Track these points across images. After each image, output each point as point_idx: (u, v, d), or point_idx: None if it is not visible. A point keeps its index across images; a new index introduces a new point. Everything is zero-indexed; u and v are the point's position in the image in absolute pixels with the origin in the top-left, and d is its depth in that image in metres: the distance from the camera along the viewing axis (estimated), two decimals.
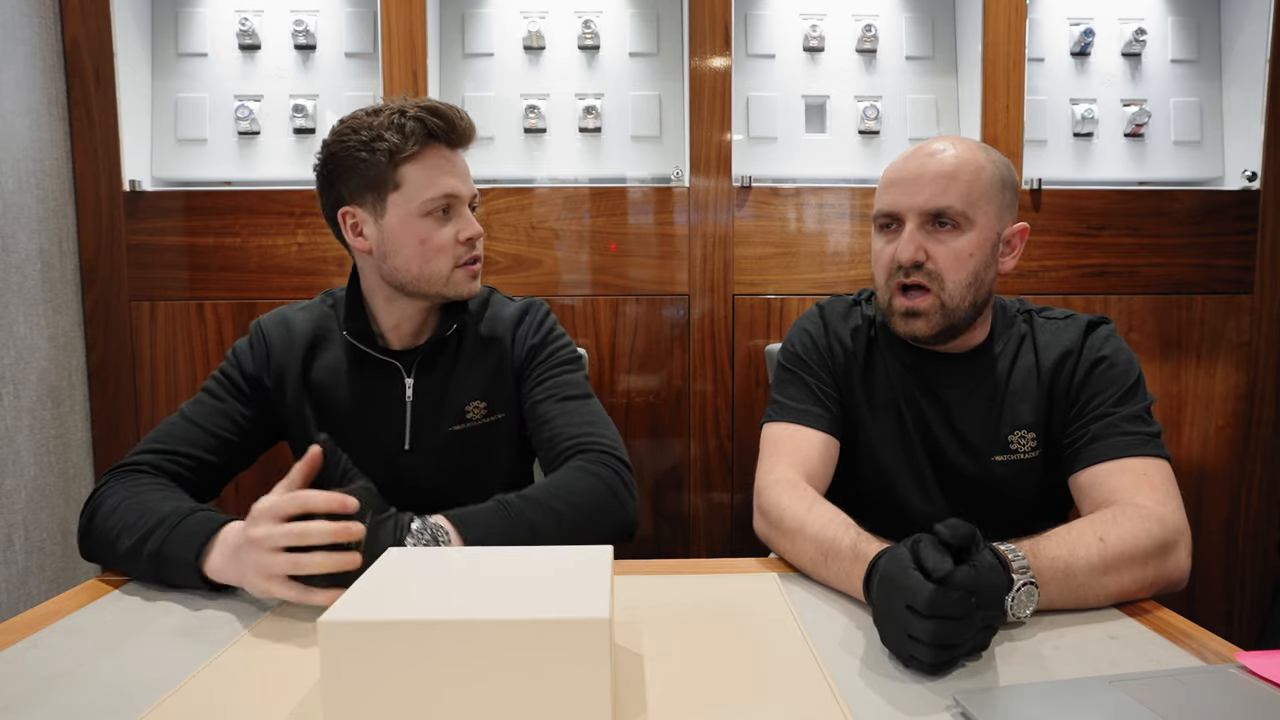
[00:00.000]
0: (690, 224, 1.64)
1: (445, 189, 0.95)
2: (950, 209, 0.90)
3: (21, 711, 0.57)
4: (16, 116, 1.44)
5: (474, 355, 1.05)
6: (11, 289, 1.42)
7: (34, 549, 1.46)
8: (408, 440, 1.03)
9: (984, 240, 0.92)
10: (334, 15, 1.68)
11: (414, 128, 0.92)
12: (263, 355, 1.03)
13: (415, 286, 0.98)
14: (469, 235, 0.97)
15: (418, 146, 0.93)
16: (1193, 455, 1.70)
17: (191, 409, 1.00)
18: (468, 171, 1.00)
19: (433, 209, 0.95)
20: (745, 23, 1.72)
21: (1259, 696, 0.56)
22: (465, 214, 0.98)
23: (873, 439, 1.03)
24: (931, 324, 0.93)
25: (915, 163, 0.93)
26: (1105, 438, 0.89)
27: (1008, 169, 0.94)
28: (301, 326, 1.04)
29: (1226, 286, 1.68)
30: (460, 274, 0.99)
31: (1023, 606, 0.68)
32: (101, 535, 0.84)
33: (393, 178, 0.94)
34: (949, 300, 0.92)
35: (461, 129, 0.96)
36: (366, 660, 0.51)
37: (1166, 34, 1.74)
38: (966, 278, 0.92)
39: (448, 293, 0.99)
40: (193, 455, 0.95)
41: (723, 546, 1.68)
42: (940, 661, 0.60)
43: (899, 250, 0.93)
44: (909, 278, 0.93)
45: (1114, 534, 0.74)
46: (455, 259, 0.98)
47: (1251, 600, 1.73)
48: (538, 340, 1.07)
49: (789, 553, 0.87)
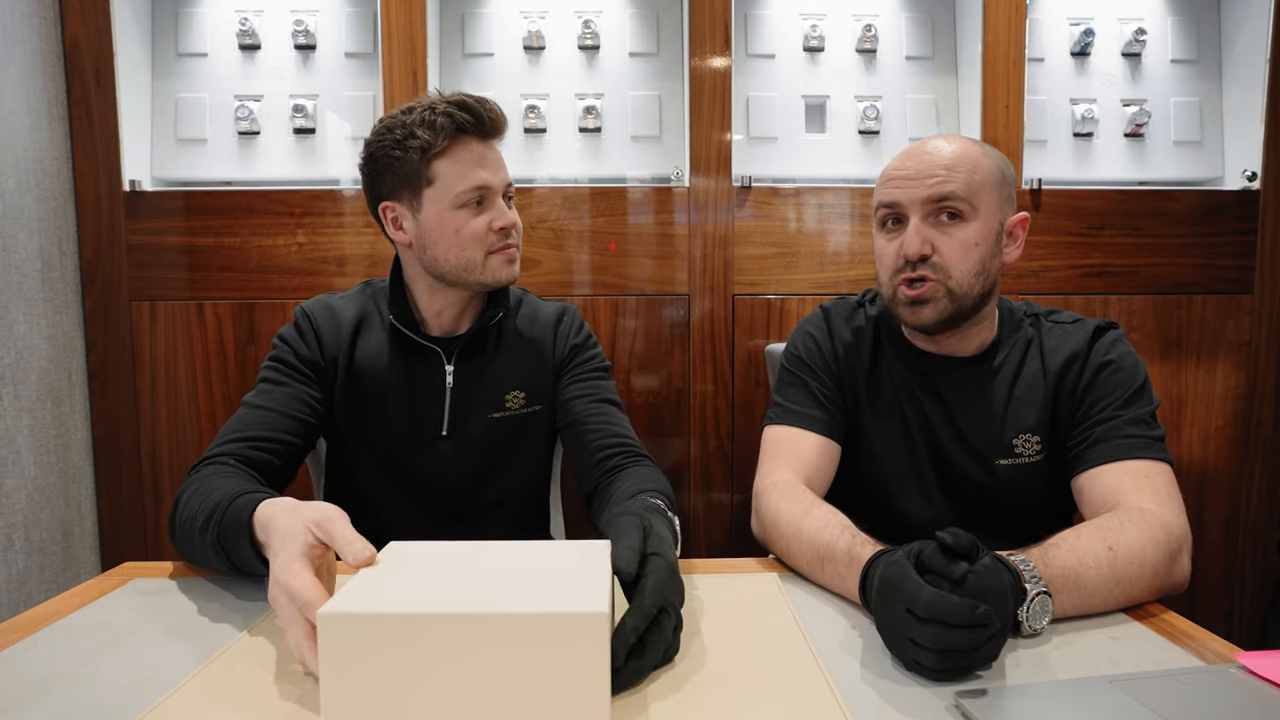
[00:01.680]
0: (690, 224, 1.64)
1: (476, 181, 0.97)
2: (954, 194, 0.90)
3: (21, 711, 0.57)
4: (16, 116, 1.44)
5: (514, 346, 1.09)
6: (11, 289, 1.42)
7: (34, 549, 1.46)
8: (446, 425, 1.05)
9: (988, 230, 0.92)
10: (334, 15, 1.68)
11: (443, 123, 0.95)
12: (313, 339, 1.04)
13: (454, 276, 1.00)
14: (502, 224, 0.99)
15: (447, 141, 0.95)
16: (1193, 455, 1.70)
17: (257, 398, 0.99)
18: (501, 162, 1.01)
19: (466, 201, 0.97)
20: (745, 23, 1.72)
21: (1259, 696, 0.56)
22: (499, 204, 1.00)
23: (875, 441, 1.03)
24: (939, 309, 0.93)
25: (914, 158, 0.94)
26: (1109, 440, 0.89)
27: (1004, 162, 0.95)
28: (345, 312, 1.06)
29: (1226, 286, 1.68)
30: (495, 260, 1.00)
31: (1038, 618, 0.67)
32: (182, 534, 0.82)
33: (426, 173, 0.96)
34: (956, 287, 0.92)
35: (490, 121, 0.98)
36: (365, 653, 0.51)
37: (1166, 34, 1.74)
38: (973, 266, 0.92)
39: (486, 279, 1.01)
40: (276, 439, 0.94)
41: (723, 546, 1.68)
42: (945, 668, 0.59)
43: (905, 244, 0.92)
44: (915, 271, 0.92)
45: (1122, 543, 0.74)
46: (489, 246, 0.99)
47: (1251, 600, 1.73)
48: (580, 340, 1.12)
49: (786, 556, 0.87)
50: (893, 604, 0.62)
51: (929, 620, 0.58)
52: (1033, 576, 0.68)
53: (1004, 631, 0.62)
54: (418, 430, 1.05)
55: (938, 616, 0.58)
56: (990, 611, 0.58)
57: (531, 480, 1.15)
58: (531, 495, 1.18)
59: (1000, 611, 0.60)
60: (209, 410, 1.62)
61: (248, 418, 0.96)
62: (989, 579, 0.61)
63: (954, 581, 0.60)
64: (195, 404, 1.61)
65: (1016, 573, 0.67)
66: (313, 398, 1.01)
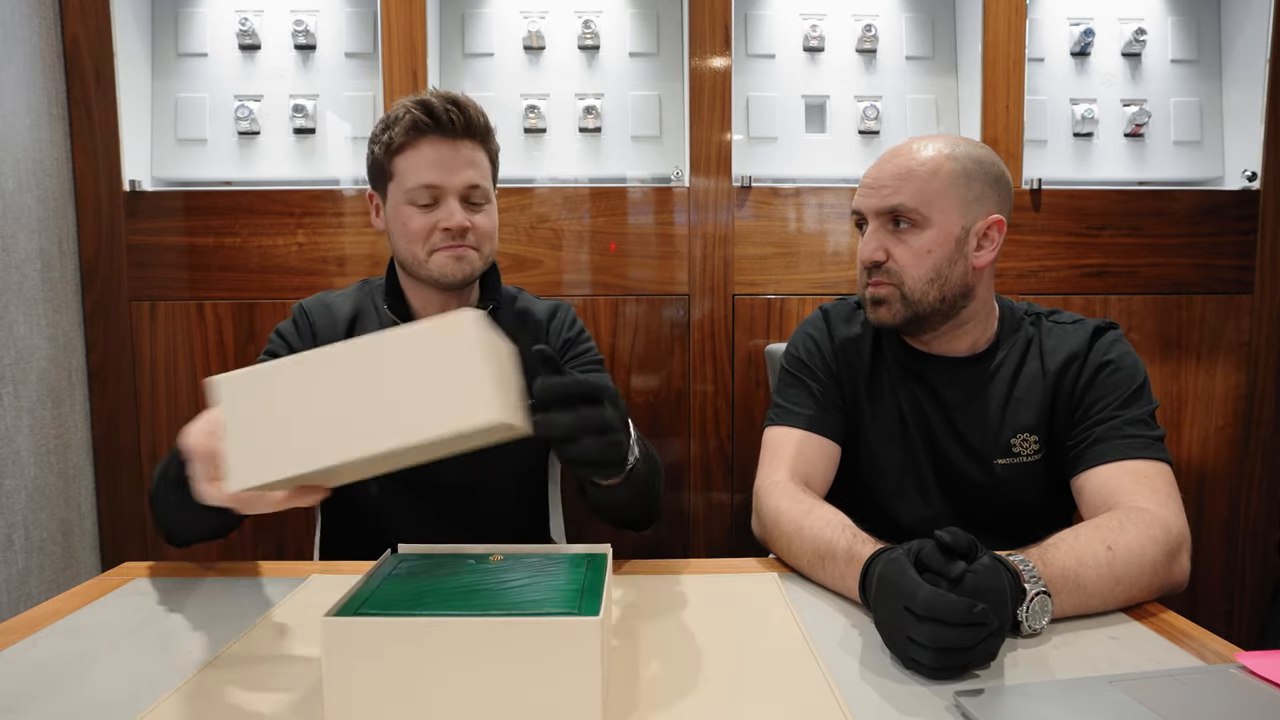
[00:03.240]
0: (690, 224, 1.64)
1: (423, 180, 0.97)
2: (901, 206, 0.92)
3: (21, 711, 0.57)
4: (16, 116, 1.44)
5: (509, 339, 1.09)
6: (11, 289, 1.42)
7: (34, 549, 1.46)
8: None
9: (944, 236, 0.93)
10: (334, 15, 1.68)
11: (407, 121, 0.97)
12: (308, 333, 1.06)
13: (410, 268, 1.03)
14: (447, 225, 0.98)
15: (404, 139, 0.97)
16: (1193, 455, 1.70)
17: None
18: (465, 165, 0.99)
19: (414, 199, 0.99)
20: (745, 23, 1.72)
21: (1259, 696, 0.56)
22: (450, 205, 0.99)
23: (874, 442, 1.03)
24: (893, 312, 0.96)
25: (879, 166, 0.97)
26: (1108, 440, 0.89)
27: (977, 163, 0.93)
28: (341, 307, 1.09)
29: (1226, 286, 1.68)
30: (439, 257, 1.00)
31: (1037, 618, 0.67)
32: (155, 498, 0.85)
33: (389, 168, 1.00)
34: (910, 293, 0.94)
35: (448, 121, 0.97)
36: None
37: (1166, 34, 1.74)
38: (927, 273, 0.93)
39: (433, 274, 1.01)
40: None
41: (723, 546, 1.68)
42: (943, 666, 0.60)
43: (860, 249, 0.97)
44: (870, 277, 0.97)
45: (1121, 543, 0.74)
46: (431, 245, 0.99)
47: (1251, 600, 1.73)
48: (573, 335, 1.14)
49: (787, 555, 0.87)
50: (891, 602, 0.62)
51: (927, 618, 0.58)
52: (1032, 576, 0.68)
53: (1002, 630, 0.62)
54: None
55: (935, 615, 0.58)
56: (987, 610, 0.58)
57: (529, 475, 1.16)
58: (531, 491, 1.18)
59: (998, 611, 0.60)
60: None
61: None
62: (987, 578, 0.61)
63: (952, 580, 0.60)
64: (195, 404, 1.61)
65: (1015, 572, 0.67)
66: None
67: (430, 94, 0.98)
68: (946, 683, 0.60)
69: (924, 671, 0.61)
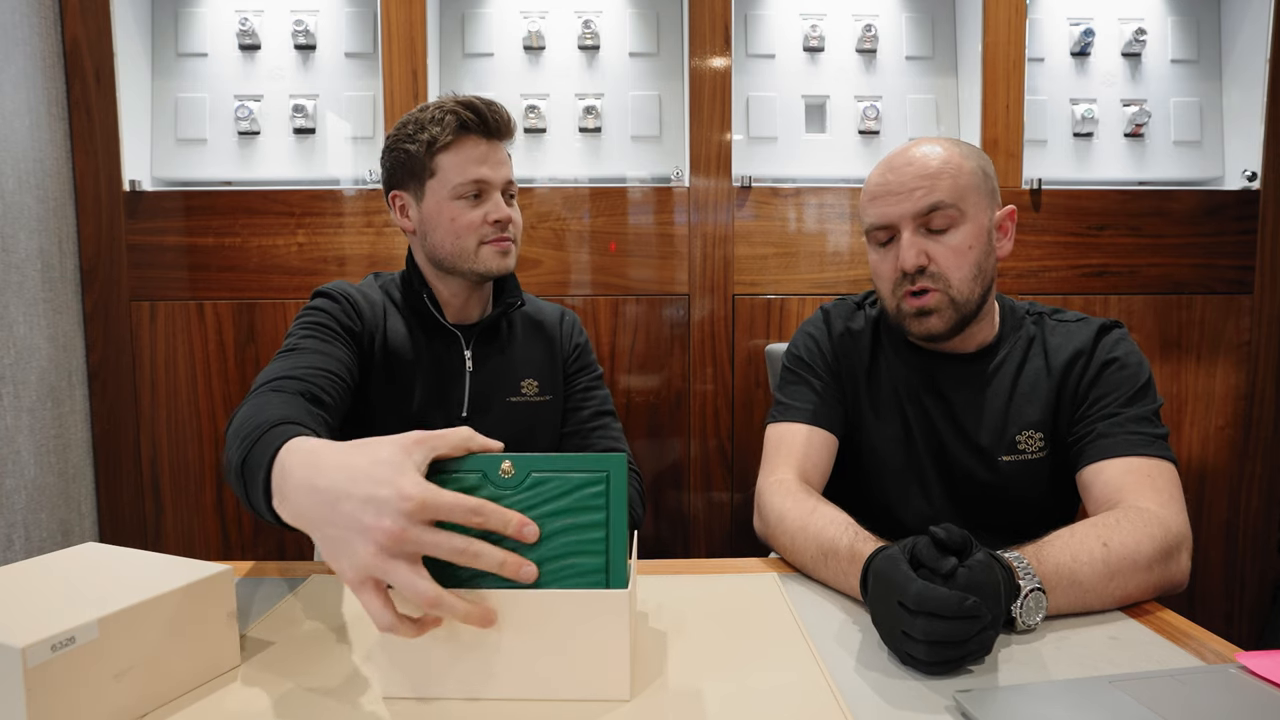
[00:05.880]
0: (690, 224, 1.64)
1: (474, 175, 1.02)
2: (941, 203, 0.91)
3: None
4: (16, 116, 1.44)
5: (526, 338, 1.15)
6: (11, 289, 1.42)
7: (34, 549, 1.46)
8: (466, 407, 1.08)
9: (979, 230, 0.92)
10: (334, 15, 1.68)
11: (450, 120, 1.01)
12: (353, 313, 1.03)
13: (451, 262, 1.05)
14: (496, 217, 1.04)
15: (451, 137, 1.01)
16: (1193, 455, 1.70)
17: (300, 342, 0.92)
18: (505, 162, 1.06)
19: (463, 193, 1.02)
20: (745, 23, 1.72)
21: (1259, 696, 0.56)
22: (496, 198, 1.04)
23: (876, 440, 1.03)
24: (945, 319, 0.93)
25: (895, 171, 0.93)
26: (1112, 435, 0.89)
27: (982, 159, 0.96)
28: (371, 294, 1.09)
29: (1226, 286, 1.68)
30: (487, 250, 1.04)
31: (1031, 614, 0.67)
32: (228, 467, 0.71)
33: (430, 165, 1.02)
34: (958, 295, 0.92)
35: (494, 122, 1.03)
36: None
37: (1166, 34, 1.74)
38: (970, 270, 0.92)
39: (479, 268, 1.04)
40: (329, 387, 0.86)
41: (723, 546, 1.68)
42: (938, 660, 0.60)
43: (901, 258, 0.92)
44: (915, 284, 0.92)
45: (1117, 539, 0.74)
46: (481, 237, 1.04)
47: (1251, 600, 1.73)
48: (582, 341, 1.20)
49: (789, 552, 0.87)
50: (884, 597, 0.63)
51: (919, 612, 0.59)
52: (1026, 573, 0.68)
53: (996, 625, 0.62)
54: (441, 410, 1.08)
55: (927, 608, 0.58)
56: (979, 603, 0.58)
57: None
58: None
59: (990, 606, 0.60)
60: (209, 410, 1.62)
61: (292, 359, 0.87)
62: (979, 574, 0.61)
63: (944, 575, 0.60)
64: (195, 404, 1.62)
65: (1010, 569, 0.67)
66: (354, 364, 0.97)
67: (464, 97, 1.03)
68: (945, 679, 0.60)
69: (920, 666, 0.61)
